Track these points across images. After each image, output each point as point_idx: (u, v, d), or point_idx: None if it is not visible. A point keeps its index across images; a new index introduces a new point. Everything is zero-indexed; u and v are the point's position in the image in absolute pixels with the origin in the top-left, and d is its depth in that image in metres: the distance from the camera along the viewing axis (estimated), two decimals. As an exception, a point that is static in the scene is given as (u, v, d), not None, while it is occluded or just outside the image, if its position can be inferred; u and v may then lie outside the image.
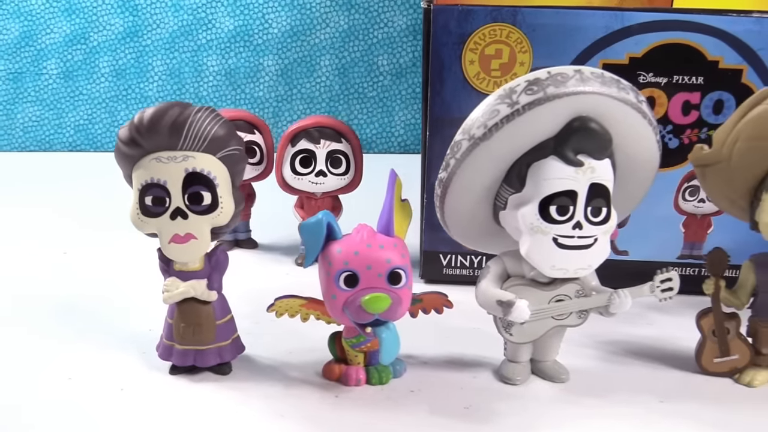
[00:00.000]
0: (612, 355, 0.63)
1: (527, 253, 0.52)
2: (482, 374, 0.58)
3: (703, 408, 0.54)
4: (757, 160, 0.52)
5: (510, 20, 0.67)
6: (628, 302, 0.54)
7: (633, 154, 0.54)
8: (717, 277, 0.57)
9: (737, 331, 0.58)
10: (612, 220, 0.53)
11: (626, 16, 0.67)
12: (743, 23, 0.67)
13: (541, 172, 0.51)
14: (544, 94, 0.49)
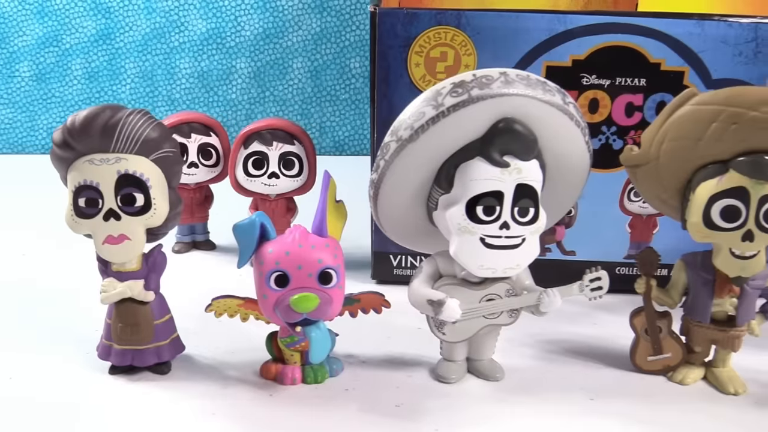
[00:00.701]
0: (551, 354, 0.63)
1: (455, 253, 0.53)
2: (419, 373, 0.59)
3: (632, 405, 0.55)
4: (683, 160, 0.53)
5: (454, 23, 0.68)
6: (557, 301, 0.55)
7: (562, 155, 0.55)
8: (648, 277, 0.58)
9: (669, 329, 0.59)
10: (540, 221, 0.54)
11: (568, 18, 0.68)
12: (684, 26, 0.68)
13: (468, 173, 0.52)
14: (469, 96, 0.50)
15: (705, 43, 0.68)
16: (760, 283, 0.56)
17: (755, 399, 0.56)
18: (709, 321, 0.57)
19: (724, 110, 0.50)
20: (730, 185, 0.51)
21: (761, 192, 0.51)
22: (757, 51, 0.68)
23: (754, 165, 0.50)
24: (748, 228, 0.52)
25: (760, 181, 0.50)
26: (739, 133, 0.50)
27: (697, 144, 0.52)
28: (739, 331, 0.57)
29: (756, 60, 0.69)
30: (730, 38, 0.68)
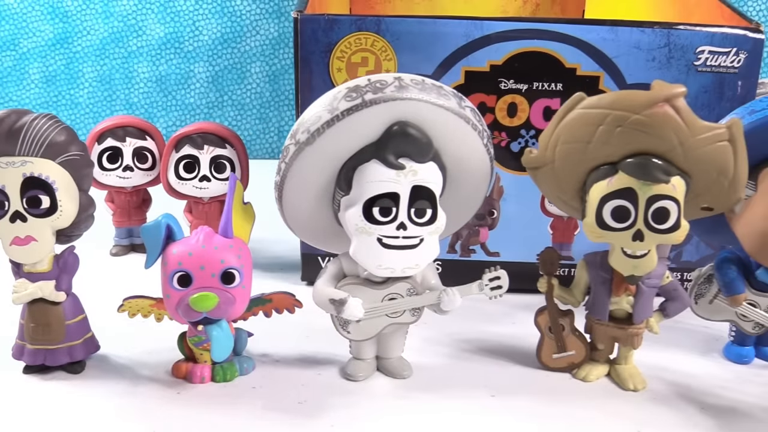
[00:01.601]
0: (465, 352, 0.65)
1: (354, 253, 0.54)
2: (328, 372, 0.60)
3: (531, 401, 0.56)
4: (576, 162, 0.55)
5: (374, 29, 0.69)
6: (457, 300, 0.56)
7: (461, 158, 0.56)
8: (549, 276, 0.59)
9: (572, 327, 0.60)
10: (439, 221, 0.55)
11: (485, 25, 0.69)
12: (598, 32, 0.70)
13: (365, 175, 0.53)
14: (362, 100, 0.52)
15: (619, 49, 0.70)
16: (656, 281, 0.57)
17: (653, 395, 0.58)
18: (609, 319, 0.59)
19: (610, 113, 0.51)
20: (619, 186, 0.53)
21: (648, 193, 0.52)
22: (670, 56, 0.70)
23: (639, 167, 0.52)
24: (638, 228, 0.53)
25: (647, 183, 0.52)
26: (624, 135, 0.52)
27: (587, 147, 0.53)
28: (637, 329, 0.58)
29: (669, 65, 0.70)
30: (643, 44, 0.70)
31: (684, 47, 0.70)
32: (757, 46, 0.70)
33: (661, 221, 0.53)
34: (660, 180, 0.52)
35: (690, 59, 0.71)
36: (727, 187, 0.54)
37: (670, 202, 0.52)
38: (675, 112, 0.50)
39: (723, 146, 0.52)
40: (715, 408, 0.56)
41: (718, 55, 0.71)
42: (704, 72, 0.71)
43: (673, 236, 0.53)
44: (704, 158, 0.52)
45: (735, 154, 0.52)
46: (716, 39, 0.70)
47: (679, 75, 0.71)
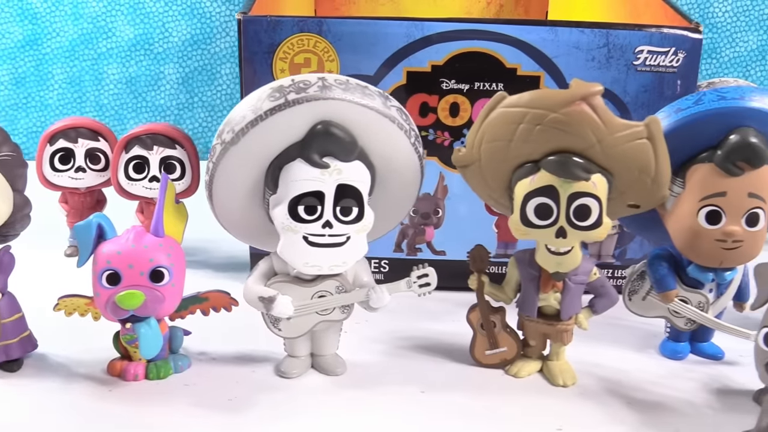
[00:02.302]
0: (401, 350, 0.65)
1: (281, 251, 0.55)
2: (263, 369, 0.61)
3: (461, 397, 0.57)
4: (500, 160, 0.55)
5: (316, 30, 0.70)
6: (385, 297, 0.57)
7: (389, 157, 0.57)
8: (479, 273, 0.60)
9: (503, 324, 0.61)
10: (366, 220, 0.56)
11: (426, 26, 0.70)
12: (538, 32, 0.70)
13: (290, 174, 0.54)
14: (285, 100, 0.52)
15: (558, 49, 0.71)
16: (583, 278, 0.58)
17: (582, 390, 0.59)
18: (539, 315, 0.59)
19: (529, 112, 0.52)
20: (541, 184, 0.54)
21: (569, 190, 0.53)
22: (609, 56, 0.71)
23: (559, 165, 0.53)
24: (560, 225, 0.54)
25: (567, 180, 0.53)
26: (543, 134, 0.52)
27: (509, 145, 0.54)
28: (566, 325, 0.59)
29: (608, 64, 0.71)
30: (582, 44, 0.71)
31: (623, 47, 0.71)
32: (696, 46, 0.71)
33: (582, 218, 0.54)
34: (580, 177, 0.52)
35: (629, 59, 0.71)
36: (650, 185, 0.55)
37: (591, 199, 0.53)
38: (592, 110, 0.51)
39: (642, 144, 0.53)
40: (642, 403, 0.57)
41: (657, 55, 0.71)
42: (644, 71, 0.72)
43: (595, 233, 0.54)
44: (624, 156, 0.53)
45: (655, 152, 0.53)
46: (655, 39, 0.71)
47: (619, 74, 0.72)
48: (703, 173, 0.58)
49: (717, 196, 0.58)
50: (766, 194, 0.58)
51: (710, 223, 0.58)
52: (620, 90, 0.72)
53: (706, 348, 0.66)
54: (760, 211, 0.58)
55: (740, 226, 0.58)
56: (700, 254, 0.60)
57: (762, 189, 0.58)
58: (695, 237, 0.59)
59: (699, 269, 0.61)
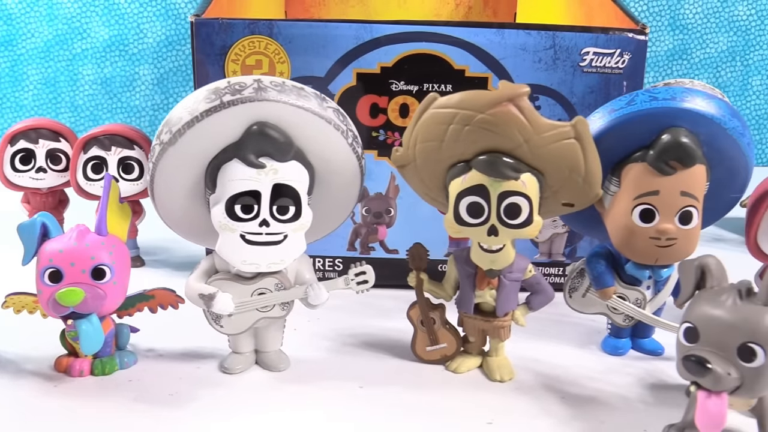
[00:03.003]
0: (347, 346, 0.66)
1: (219, 250, 0.56)
2: (207, 365, 0.62)
3: (399, 392, 0.58)
4: (434, 160, 0.57)
5: (267, 32, 0.71)
6: (323, 294, 0.58)
7: (327, 157, 0.58)
8: (418, 271, 0.61)
9: (443, 320, 0.62)
10: (303, 219, 0.57)
11: (375, 28, 0.71)
12: (485, 34, 0.72)
13: (227, 174, 0.55)
14: (221, 102, 0.53)
15: (506, 51, 0.72)
16: (518, 275, 0.59)
17: (519, 385, 0.60)
18: (476, 312, 0.61)
19: (458, 113, 0.53)
20: (472, 183, 0.55)
21: (499, 189, 0.54)
22: (556, 57, 0.72)
23: (489, 164, 0.54)
24: (492, 223, 0.55)
25: (497, 179, 0.54)
26: (472, 134, 0.54)
27: (441, 145, 0.55)
28: (502, 321, 0.60)
29: (555, 66, 0.72)
30: (529, 46, 0.72)
31: (569, 49, 0.72)
32: (641, 48, 0.72)
33: (513, 216, 0.55)
34: (509, 177, 0.54)
35: (575, 60, 0.73)
36: (581, 184, 0.56)
37: (520, 198, 0.54)
38: (518, 111, 0.52)
39: (570, 144, 0.54)
40: (575, 397, 0.58)
41: (602, 56, 0.73)
42: (590, 72, 0.73)
43: (526, 231, 0.55)
44: (552, 155, 0.54)
45: (584, 151, 0.54)
46: (600, 41, 0.72)
47: (566, 76, 0.73)
48: (636, 172, 0.59)
49: (650, 194, 0.59)
50: (698, 193, 0.60)
51: (644, 221, 0.60)
52: (567, 91, 0.73)
53: (647, 344, 0.67)
54: (693, 209, 0.59)
55: (673, 224, 0.59)
56: (636, 252, 0.61)
57: (694, 188, 0.59)
58: (630, 235, 0.60)
59: (636, 267, 0.63)
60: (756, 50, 1.46)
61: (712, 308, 0.48)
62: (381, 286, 0.70)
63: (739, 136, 0.59)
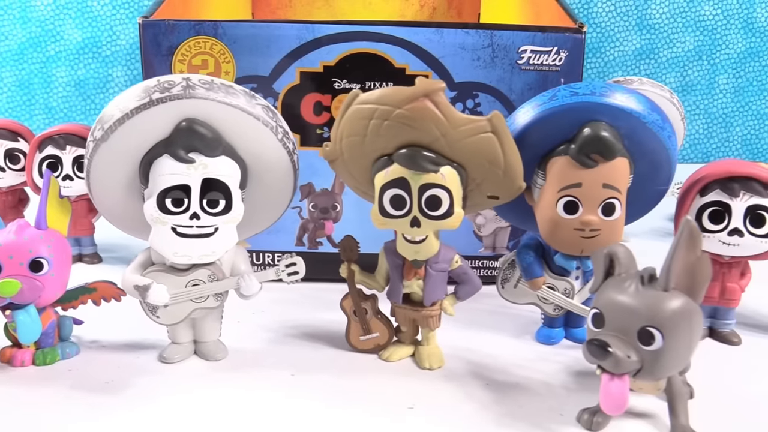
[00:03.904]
0: (288, 337, 0.68)
1: (152, 242, 0.58)
2: (147, 355, 0.64)
3: (329, 380, 0.60)
4: (359, 155, 0.59)
5: (212, 33, 0.73)
6: (254, 285, 0.60)
7: (257, 153, 0.60)
8: (349, 262, 0.63)
9: (375, 310, 0.64)
10: (234, 212, 0.59)
11: (316, 28, 0.73)
12: (424, 33, 0.74)
13: (158, 169, 0.57)
14: (150, 99, 0.55)
15: (445, 49, 0.74)
16: (444, 266, 0.61)
17: (446, 373, 0.62)
18: (404, 302, 0.62)
19: (377, 108, 0.55)
20: (394, 176, 0.57)
21: (419, 182, 0.56)
22: (494, 56, 0.74)
23: (408, 158, 0.56)
24: (414, 215, 0.57)
25: (417, 172, 0.56)
26: (391, 129, 0.55)
27: (364, 140, 0.57)
28: (430, 311, 0.62)
29: (493, 64, 0.74)
30: (468, 44, 0.74)
31: (507, 47, 0.74)
32: (578, 45, 0.74)
33: (433, 208, 0.57)
34: (427, 170, 0.56)
35: (513, 58, 0.75)
36: (502, 176, 0.58)
37: (440, 190, 0.56)
38: (434, 106, 0.54)
39: (487, 137, 0.56)
40: (500, 384, 0.60)
41: (540, 54, 0.75)
42: (528, 70, 0.75)
43: (447, 222, 0.57)
44: (469, 149, 0.56)
45: (501, 145, 0.56)
46: (537, 39, 0.74)
47: (504, 73, 0.75)
48: (560, 165, 0.61)
49: (573, 187, 0.61)
50: (621, 185, 0.62)
51: (568, 213, 0.61)
52: (506, 88, 0.75)
53: (579, 333, 0.69)
54: (616, 201, 0.61)
55: (597, 215, 0.61)
56: (562, 243, 0.63)
57: (616, 180, 0.61)
58: (556, 226, 0.62)
59: (564, 258, 0.64)
60: (722, 49, 1.48)
61: (616, 294, 0.50)
62: (328, 280, 0.73)
63: (658, 129, 0.61)
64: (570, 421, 0.54)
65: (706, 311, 0.70)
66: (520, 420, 0.55)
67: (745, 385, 0.61)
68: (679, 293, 0.49)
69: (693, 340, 0.49)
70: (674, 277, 0.49)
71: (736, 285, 0.68)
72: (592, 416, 0.53)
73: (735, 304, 0.69)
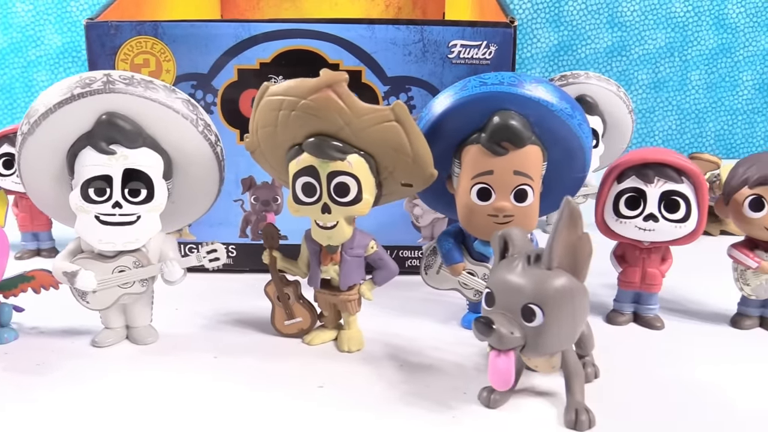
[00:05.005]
0: (221, 323, 0.71)
1: (77, 230, 0.61)
2: (81, 340, 0.67)
3: (249, 362, 0.63)
4: (274, 145, 0.61)
5: (152, 33, 0.76)
6: (177, 271, 0.63)
7: (179, 145, 0.62)
8: (271, 249, 0.65)
9: (297, 295, 0.66)
10: (156, 201, 0.61)
11: (252, 26, 0.76)
12: (356, 30, 0.76)
13: (81, 160, 0.60)
14: (71, 94, 0.59)
15: (376, 45, 0.76)
16: (359, 251, 0.63)
17: (365, 356, 0.64)
18: (324, 287, 0.65)
19: (285, 99, 0.58)
20: (304, 164, 0.59)
21: (327, 169, 0.59)
22: (425, 50, 0.76)
23: (315, 146, 0.58)
24: (324, 202, 0.60)
25: (324, 160, 0.58)
26: (298, 119, 0.58)
27: (275, 130, 0.60)
28: (348, 295, 0.64)
29: (424, 58, 0.77)
30: (399, 40, 0.76)
31: (437, 42, 0.76)
32: (507, 39, 0.76)
33: (342, 195, 0.59)
34: (334, 158, 0.58)
35: (444, 53, 0.77)
36: (412, 164, 0.60)
37: (348, 177, 0.59)
38: (337, 97, 0.56)
39: (391, 126, 0.58)
40: (414, 365, 0.62)
41: (469, 48, 0.77)
42: (458, 64, 0.77)
43: (356, 208, 0.60)
44: (374, 137, 0.58)
45: (407, 133, 0.58)
46: (467, 34, 0.76)
47: (435, 67, 0.77)
48: (473, 154, 0.63)
49: (485, 174, 0.63)
50: (532, 172, 0.63)
51: (481, 199, 0.63)
52: (437, 82, 0.77)
53: (503, 318, 0.70)
54: (528, 187, 0.63)
55: (509, 201, 0.63)
56: (477, 229, 0.65)
57: (527, 167, 0.63)
58: (471, 213, 0.64)
59: (482, 243, 0.66)
60: (693, 46, 1.49)
61: (504, 274, 0.52)
62: (271, 270, 0.75)
63: (567, 117, 0.63)
64: (472, 399, 0.56)
65: (629, 296, 0.72)
66: (424, 398, 0.57)
67: (660, 369, 0.62)
68: (562, 272, 0.50)
69: (576, 316, 0.51)
70: (557, 256, 0.50)
71: (657, 270, 0.70)
72: (490, 394, 0.55)
73: (656, 289, 0.71)
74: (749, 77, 1.50)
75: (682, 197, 0.66)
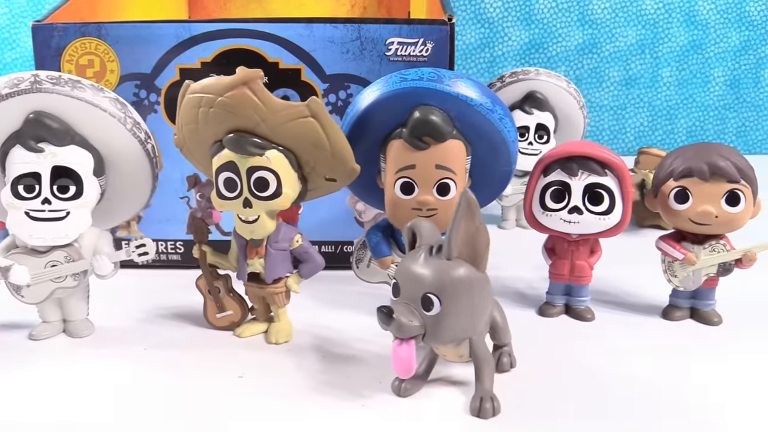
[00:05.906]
0: (158, 318, 0.72)
1: (8, 226, 0.63)
2: (19, 334, 0.68)
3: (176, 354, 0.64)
4: (198, 142, 0.63)
5: (96, 34, 0.78)
6: (106, 265, 0.65)
7: (108, 143, 0.64)
8: (200, 243, 0.67)
9: (227, 289, 0.68)
10: (85, 197, 0.63)
11: (192, 27, 0.78)
12: (294, 29, 0.77)
13: (11, 158, 0.62)
14: (-1, 95, 0.60)
15: (315, 43, 0.78)
16: (284, 245, 0.64)
17: (292, 347, 0.66)
18: (252, 280, 0.66)
19: (203, 97, 0.59)
20: (225, 160, 0.61)
21: (246, 165, 0.60)
22: (363, 48, 0.78)
23: (233, 142, 0.60)
24: (245, 196, 0.61)
25: (243, 156, 0.60)
26: (216, 116, 0.59)
27: (197, 127, 0.61)
28: (274, 288, 0.65)
29: (362, 56, 0.78)
30: (336, 38, 0.77)
31: (374, 40, 0.78)
32: (443, 36, 0.77)
33: (261, 189, 0.60)
34: (252, 153, 0.59)
35: (381, 50, 0.78)
36: (332, 159, 0.62)
37: (266, 172, 0.60)
38: (252, 94, 0.58)
39: (306, 122, 0.59)
40: (337, 356, 0.63)
41: (406, 46, 0.78)
42: (396, 61, 0.78)
43: (277, 203, 0.61)
44: (291, 133, 0.59)
45: (323, 128, 0.60)
46: (404, 31, 0.77)
47: (373, 65, 0.78)
48: (396, 148, 0.65)
49: (408, 168, 0.64)
50: (455, 166, 0.65)
51: (405, 193, 0.65)
52: (375, 79, 0.75)
53: (434, 311, 0.72)
54: (450, 181, 0.64)
55: (432, 195, 0.64)
56: (403, 222, 0.65)
57: (449, 161, 0.64)
58: (396, 207, 0.66)
59: (409, 237, 0.68)
60: (664, 43, 1.49)
61: (408, 264, 0.53)
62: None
63: (487, 112, 0.64)
64: (385, 389, 0.58)
65: (560, 289, 0.73)
66: (339, 388, 0.58)
67: (584, 359, 0.63)
68: (461, 262, 0.52)
69: (475, 306, 0.52)
70: (456, 246, 0.52)
71: (585, 262, 0.71)
72: (401, 383, 0.57)
73: (586, 281, 0.71)
74: (720, 73, 1.50)
75: (605, 190, 0.67)
